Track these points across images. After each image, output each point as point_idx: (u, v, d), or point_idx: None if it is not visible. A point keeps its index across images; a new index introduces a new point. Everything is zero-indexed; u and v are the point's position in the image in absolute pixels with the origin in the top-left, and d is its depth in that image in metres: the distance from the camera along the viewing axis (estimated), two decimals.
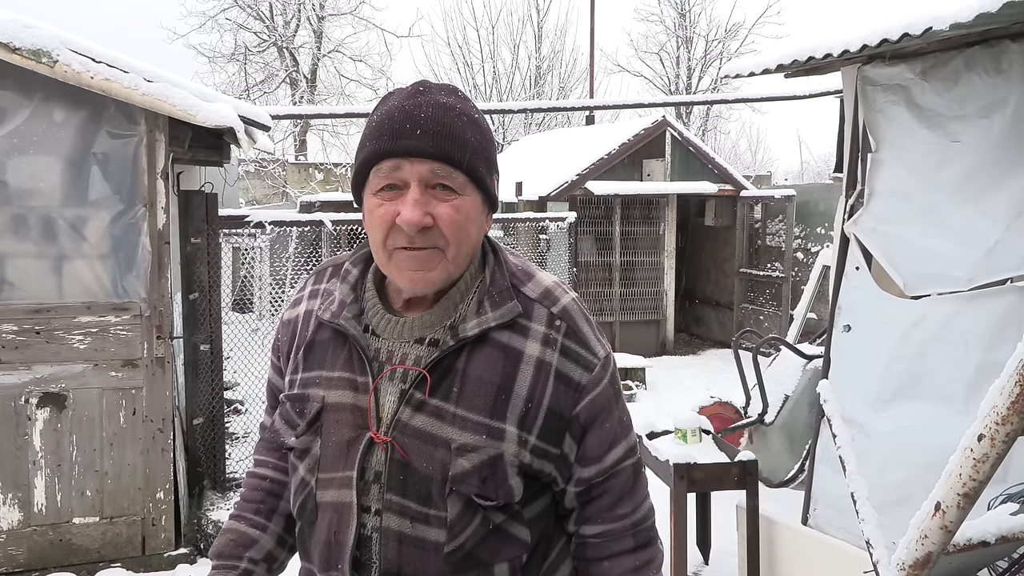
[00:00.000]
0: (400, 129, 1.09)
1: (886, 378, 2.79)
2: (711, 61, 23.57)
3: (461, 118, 1.12)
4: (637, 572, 1.21)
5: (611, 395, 1.20)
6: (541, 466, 1.15)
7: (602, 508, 1.20)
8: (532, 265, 1.27)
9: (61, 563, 3.73)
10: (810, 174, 26.79)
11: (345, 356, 1.18)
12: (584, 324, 1.21)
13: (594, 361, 1.18)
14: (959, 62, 2.75)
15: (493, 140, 1.19)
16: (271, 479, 1.34)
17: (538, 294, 1.20)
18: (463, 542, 1.11)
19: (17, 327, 3.65)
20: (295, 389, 1.22)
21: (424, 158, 1.08)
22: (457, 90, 1.18)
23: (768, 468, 4.41)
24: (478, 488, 1.10)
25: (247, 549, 1.28)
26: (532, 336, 1.16)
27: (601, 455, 1.18)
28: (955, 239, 2.69)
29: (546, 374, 1.14)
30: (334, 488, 1.14)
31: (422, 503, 1.11)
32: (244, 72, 18.49)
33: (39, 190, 3.68)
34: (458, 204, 1.11)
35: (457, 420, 1.11)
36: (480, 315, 1.14)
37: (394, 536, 1.11)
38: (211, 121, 3.71)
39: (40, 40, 3.44)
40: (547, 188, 9.03)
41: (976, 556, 2.17)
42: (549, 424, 1.14)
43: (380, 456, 1.13)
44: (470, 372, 1.13)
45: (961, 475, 1.53)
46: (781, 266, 9.50)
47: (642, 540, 1.22)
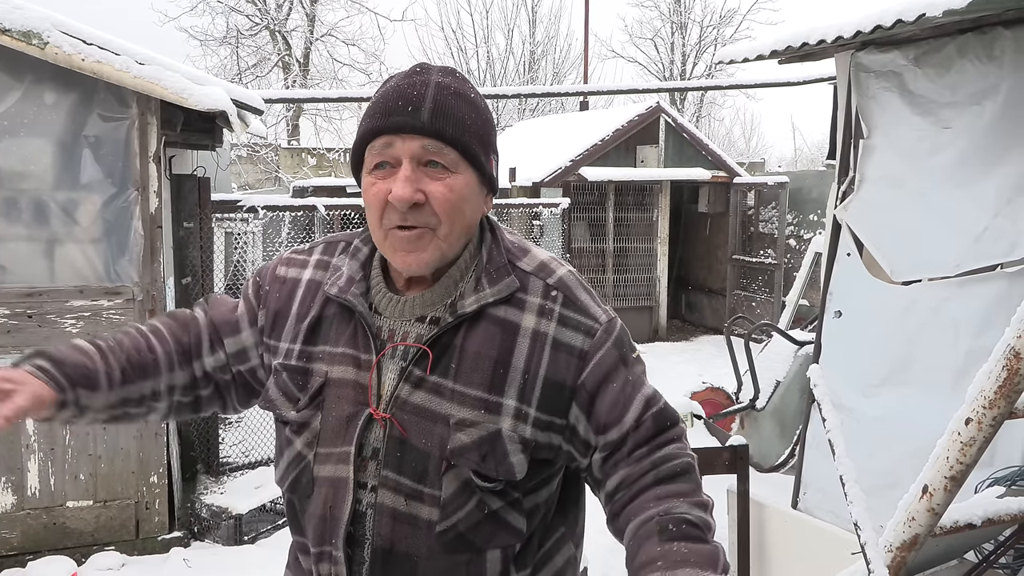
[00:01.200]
0: (392, 106, 1.10)
1: (876, 363, 2.82)
2: (706, 47, 23.52)
3: (456, 97, 1.12)
4: (659, 502, 1.08)
5: (617, 358, 1.15)
6: (548, 439, 1.14)
7: (620, 459, 1.14)
8: (528, 242, 1.27)
9: (55, 546, 3.74)
10: (804, 161, 26.82)
11: (350, 333, 1.18)
12: (582, 292, 1.19)
13: (595, 327, 1.16)
14: (952, 49, 2.75)
15: (491, 121, 1.18)
16: (156, 360, 1.25)
17: (533, 267, 1.20)
18: (455, 523, 1.11)
19: (9, 311, 3.64)
20: (294, 360, 1.20)
21: (415, 134, 1.08)
22: (455, 71, 1.18)
23: (759, 453, 4.45)
24: (477, 464, 1.10)
25: (84, 388, 1.18)
26: (528, 308, 1.15)
27: (619, 417, 1.13)
28: (945, 225, 2.71)
29: (541, 344, 1.13)
30: (331, 463, 1.14)
31: (417, 480, 1.11)
32: (236, 56, 18.34)
33: (30, 173, 3.66)
34: (450, 182, 1.11)
35: (456, 396, 1.11)
36: (478, 292, 1.15)
37: (388, 512, 1.12)
38: (203, 104, 3.68)
39: (30, 21, 3.41)
40: (541, 174, 9.02)
41: (963, 538, 2.19)
42: (548, 395, 1.13)
43: (379, 433, 1.13)
44: (468, 348, 1.13)
45: (948, 458, 1.55)
46: (774, 253, 9.53)
47: (665, 475, 1.11)
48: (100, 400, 1.20)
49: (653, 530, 1.04)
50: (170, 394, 1.28)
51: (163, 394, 1.27)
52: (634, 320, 9.80)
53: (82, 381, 1.18)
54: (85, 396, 1.18)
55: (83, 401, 1.18)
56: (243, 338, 1.29)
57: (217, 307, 1.33)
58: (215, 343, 1.30)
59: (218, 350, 1.29)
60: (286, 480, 1.20)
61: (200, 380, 1.30)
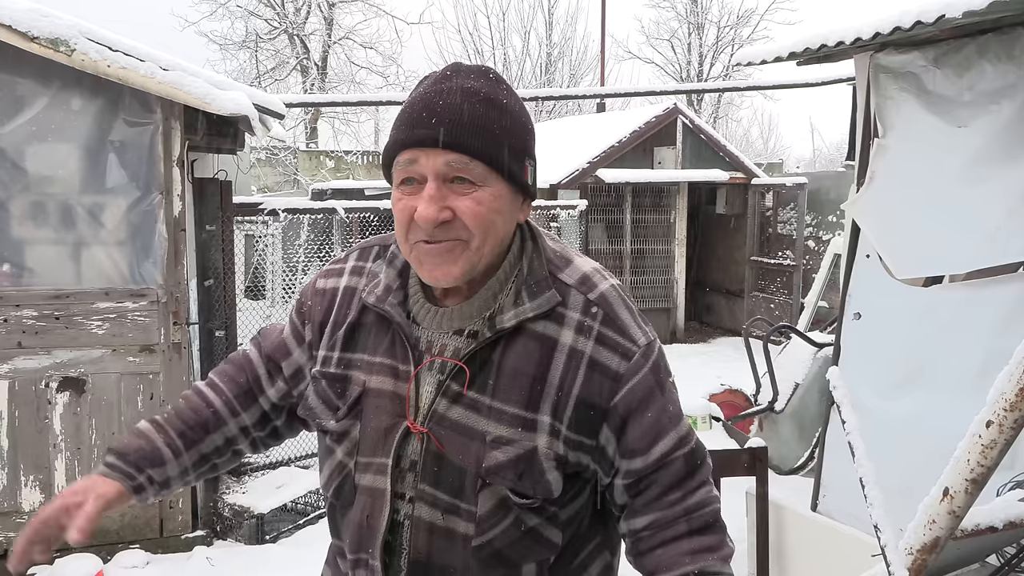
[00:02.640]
0: (416, 118, 1.06)
1: (896, 365, 2.81)
2: (723, 48, 23.43)
3: (485, 104, 1.07)
4: (693, 557, 1.10)
5: (653, 384, 1.12)
6: (577, 458, 1.12)
7: (651, 498, 1.13)
8: (571, 250, 1.23)
9: (82, 544, 3.79)
10: (822, 162, 26.63)
11: (388, 342, 1.16)
12: (623, 311, 1.15)
13: (633, 349, 1.12)
14: (971, 49, 2.74)
15: (526, 124, 1.13)
16: (216, 412, 1.29)
17: (575, 280, 1.16)
18: (491, 539, 1.10)
19: (37, 312, 3.71)
20: (332, 367, 1.19)
21: (439, 148, 1.04)
22: (489, 72, 1.13)
23: (778, 456, 4.43)
24: (513, 483, 1.08)
25: (152, 466, 1.23)
26: (567, 324, 1.12)
27: (647, 447, 1.12)
28: (957, 224, 2.69)
29: (577, 362, 1.10)
30: (371, 473, 1.14)
31: (454, 495, 1.10)
32: (255, 60, 18.52)
33: (58, 177, 3.73)
34: (479, 196, 1.06)
35: (493, 413, 1.10)
36: (518, 306, 1.11)
37: (425, 526, 1.11)
38: (226, 109, 3.74)
39: (58, 29, 3.48)
40: (558, 176, 9.03)
41: (984, 542, 2.19)
42: (580, 414, 1.10)
43: (416, 446, 1.12)
44: (506, 364, 1.11)
45: (969, 461, 1.55)
46: (792, 254, 9.48)
47: (697, 525, 1.13)
48: (173, 469, 1.25)
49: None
50: (245, 434, 1.31)
51: (238, 437, 1.30)
52: (651, 322, 9.72)
53: (147, 463, 1.23)
54: (156, 473, 1.23)
55: (157, 478, 1.23)
56: (295, 359, 1.28)
57: (268, 337, 1.34)
58: (273, 373, 1.30)
59: (277, 379, 1.30)
60: (330, 487, 1.20)
61: (270, 412, 1.32)
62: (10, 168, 3.65)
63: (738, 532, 3.94)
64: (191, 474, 1.28)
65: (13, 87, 3.63)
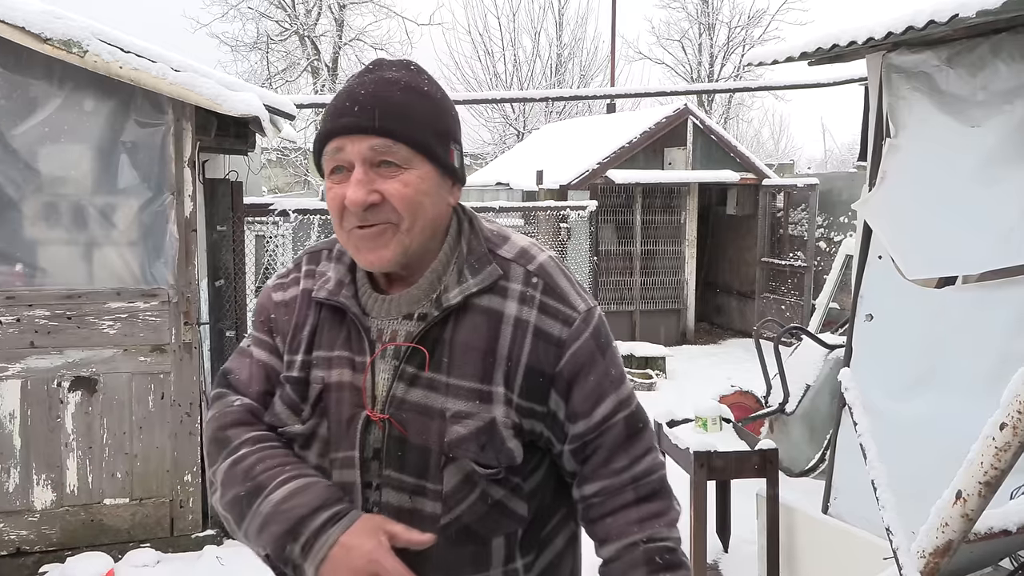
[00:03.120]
0: (341, 108, 1.11)
1: (908, 367, 2.79)
2: (734, 48, 23.34)
3: (406, 91, 1.12)
4: (640, 525, 1.15)
5: (594, 348, 1.17)
6: (531, 426, 1.15)
7: (597, 464, 1.18)
8: (507, 229, 1.27)
9: (93, 542, 3.82)
10: (833, 162, 26.50)
11: (344, 336, 1.19)
12: (562, 279, 1.20)
13: (573, 315, 1.16)
14: (985, 49, 2.72)
15: (448, 110, 1.17)
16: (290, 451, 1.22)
17: (514, 254, 1.20)
18: (459, 515, 1.13)
19: (49, 312, 3.73)
20: (295, 371, 1.21)
21: (363, 134, 1.09)
22: (410, 64, 1.18)
23: (788, 458, 4.41)
24: (476, 455, 1.11)
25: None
26: (511, 296, 1.16)
27: (589, 410, 1.16)
28: (970, 225, 2.67)
29: (523, 331, 1.15)
30: (338, 468, 1.16)
31: (419, 476, 1.13)
32: (266, 61, 18.59)
33: (70, 178, 3.75)
34: (405, 179, 1.10)
35: (451, 389, 1.13)
36: (462, 283, 1.15)
37: (393, 511, 1.13)
38: (237, 110, 3.75)
39: (70, 31, 3.50)
40: (568, 176, 9.02)
41: (997, 545, 2.17)
42: (530, 382, 1.14)
43: (377, 434, 1.14)
44: (457, 340, 1.14)
45: (983, 463, 1.54)
46: (803, 255, 9.44)
47: (644, 492, 1.17)
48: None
49: (640, 560, 1.13)
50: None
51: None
52: (661, 323, 9.77)
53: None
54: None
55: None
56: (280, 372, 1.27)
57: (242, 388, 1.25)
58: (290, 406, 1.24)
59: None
60: None
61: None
62: (23, 169, 3.68)
63: (749, 534, 3.93)
64: None
65: (26, 88, 3.66)
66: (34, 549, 3.77)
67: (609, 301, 9.40)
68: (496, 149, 20.29)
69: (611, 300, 9.44)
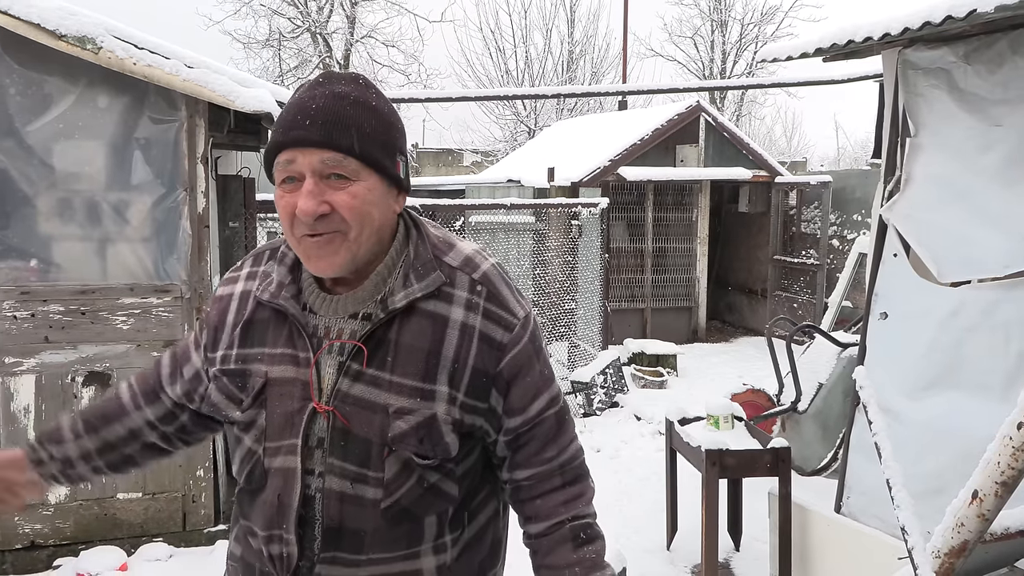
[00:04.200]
0: (292, 121, 1.16)
1: (923, 366, 2.77)
2: (746, 45, 23.22)
3: (355, 106, 1.18)
4: (566, 505, 1.30)
5: (531, 351, 1.28)
6: (472, 421, 1.25)
7: (530, 453, 1.30)
8: (453, 235, 1.35)
9: (106, 536, 3.85)
10: (847, 160, 26.34)
11: (287, 334, 1.26)
12: (504, 287, 1.29)
13: (513, 321, 1.27)
14: (1004, 45, 2.69)
15: (395, 124, 1.24)
16: (121, 404, 1.42)
17: (459, 262, 1.28)
18: (398, 498, 1.22)
19: (64, 308, 3.75)
20: (231, 364, 1.28)
21: (314, 147, 1.15)
22: (359, 78, 1.24)
23: (800, 456, 4.39)
24: (415, 447, 1.20)
25: (51, 443, 1.40)
26: (456, 302, 1.25)
27: (525, 406, 1.28)
28: (994, 225, 2.64)
29: (470, 336, 1.24)
30: (281, 455, 1.23)
31: (360, 465, 1.21)
32: (278, 58, 18.64)
33: (84, 174, 3.77)
34: (353, 190, 1.17)
35: (393, 386, 1.21)
36: (407, 287, 1.23)
37: (335, 496, 1.21)
38: (250, 107, 3.76)
39: (85, 27, 3.51)
40: (579, 173, 9.01)
41: (1014, 546, 2.15)
42: (475, 382, 1.24)
43: (322, 424, 1.22)
44: (402, 341, 1.22)
45: (999, 463, 1.52)
46: (816, 253, 9.39)
47: (569, 477, 1.32)
48: (73, 449, 1.39)
49: (568, 536, 1.29)
50: (151, 428, 1.42)
51: (143, 429, 1.41)
52: (673, 321, 9.74)
53: (47, 439, 1.40)
54: (56, 450, 1.39)
55: (56, 454, 1.39)
56: (194, 362, 1.38)
57: (181, 342, 1.46)
58: (175, 374, 1.41)
59: (178, 380, 1.40)
60: (242, 473, 1.29)
61: (174, 409, 1.41)
62: (38, 165, 3.70)
63: (760, 532, 3.92)
64: (97, 458, 1.41)
65: (41, 85, 3.68)
66: (48, 543, 3.80)
67: (620, 299, 9.38)
68: (507, 146, 20.28)
69: (622, 297, 9.42)
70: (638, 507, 4.61)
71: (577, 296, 7.28)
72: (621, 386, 6.92)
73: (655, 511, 4.42)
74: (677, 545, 4.06)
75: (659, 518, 4.24)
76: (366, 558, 1.22)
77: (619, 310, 9.26)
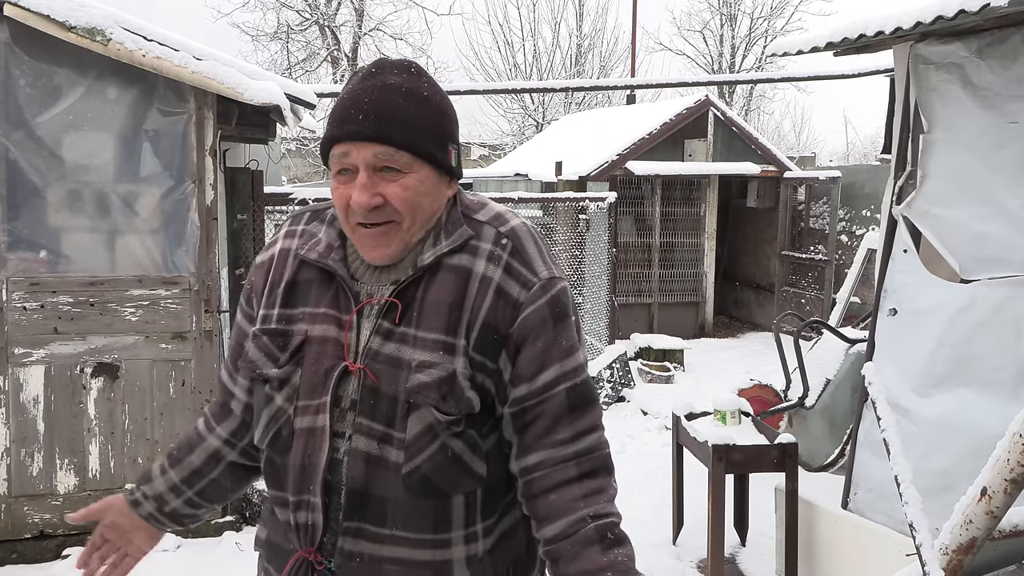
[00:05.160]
0: (346, 115, 1.18)
1: (933, 363, 2.75)
2: (756, 39, 23.11)
3: (407, 98, 1.19)
4: (585, 500, 1.17)
5: (547, 316, 1.21)
6: (482, 380, 1.20)
7: (538, 433, 1.20)
8: (488, 199, 1.34)
9: None
10: (856, 155, 26.19)
11: (332, 295, 1.25)
12: (531, 245, 1.25)
13: (533, 280, 1.22)
14: (1018, 40, 2.67)
15: (446, 113, 1.24)
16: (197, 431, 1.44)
17: (489, 217, 1.27)
18: (419, 464, 1.17)
19: (73, 299, 3.77)
20: (273, 324, 1.27)
21: (366, 141, 1.16)
22: (411, 66, 1.25)
23: (807, 452, 4.38)
24: (436, 402, 1.17)
25: (144, 483, 1.44)
26: (480, 254, 1.23)
27: (532, 374, 1.20)
28: (1010, 222, 2.63)
29: (486, 288, 1.21)
30: (310, 414, 1.22)
31: (387, 424, 1.18)
32: (286, 50, 18.64)
33: (93, 166, 3.78)
34: (405, 182, 1.18)
35: (418, 341, 1.20)
36: (436, 245, 1.23)
37: (361, 456, 1.18)
38: (258, 99, 3.76)
39: (94, 19, 3.52)
40: (587, 168, 8.99)
41: (1023, 543, 2.14)
42: (484, 336, 1.19)
43: (354, 384, 1.21)
44: (428, 297, 1.21)
45: (1009, 460, 1.52)
46: (824, 249, 9.35)
47: (587, 468, 1.19)
48: (161, 484, 1.42)
49: (593, 536, 1.15)
50: (229, 445, 1.42)
51: (222, 449, 1.42)
52: (680, 316, 9.72)
53: (140, 480, 1.45)
54: (147, 488, 1.43)
55: (149, 492, 1.42)
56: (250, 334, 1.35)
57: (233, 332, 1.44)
58: (233, 373, 1.39)
59: (238, 376, 1.38)
60: (267, 437, 1.26)
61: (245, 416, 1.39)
62: (47, 156, 3.71)
63: (766, 528, 3.92)
64: (186, 489, 1.42)
65: (51, 76, 3.69)
66: (57, 532, 3.83)
67: (628, 293, 9.36)
68: (515, 140, 20.25)
69: (630, 292, 9.41)
70: (644, 501, 4.61)
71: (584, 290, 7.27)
72: (628, 381, 6.92)
73: (661, 506, 4.42)
74: (683, 540, 4.06)
75: (665, 513, 4.24)
76: (390, 533, 1.19)
77: (626, 305, 9.24)
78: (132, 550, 1.43)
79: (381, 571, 1.19)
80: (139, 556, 1.44)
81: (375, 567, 1.19)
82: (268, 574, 1.31)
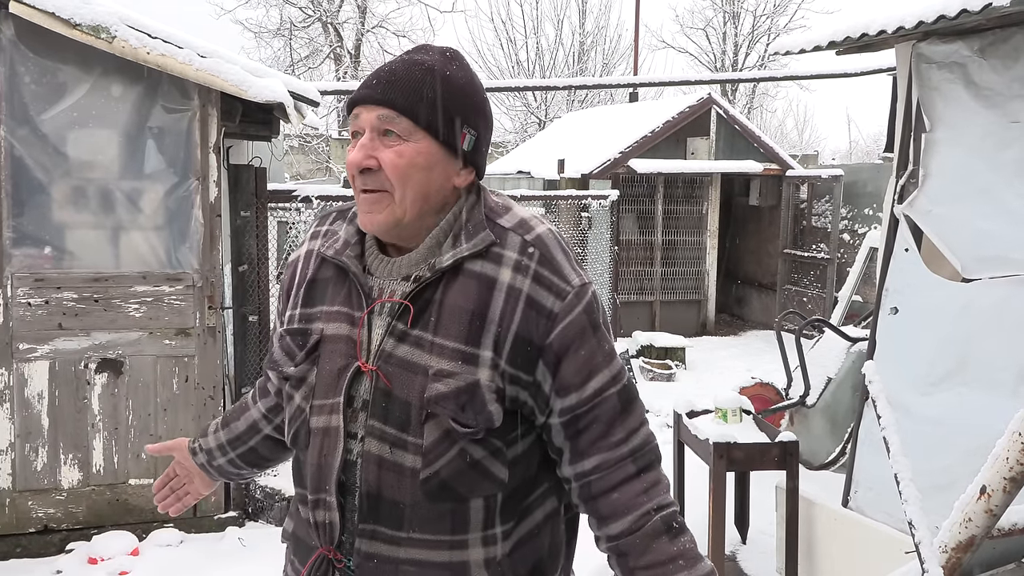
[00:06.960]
0: (366, 82, 1.21)
1: (934, 362, 2.76)
2: (759, 37, 23.08)
3: (426, 72, 1.19)
4: (647, 494, 1.20)
5: (586, 324, 1.19)
6: (516, 393, 1.18)
7: (594, 437, 1.20)
8: (513, 202, 1.30)
9: (118, 522, 3.89)
10: (858, 154, 26.17)
11: (345, 292, 1.25)
12: (559, 253, 1.22)
13: (567, 289, 1.18)
14: (1020, 39, 2.67)
15: (468, 95, 1.22)
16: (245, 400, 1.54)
17: (513, 224, 1.23)
18: (437, 470, 1.16)
19: (77, 295, 3.79)
20: (295, 324, 1.29)
21: (373, 104, 1.17)
22: (447, 51, 1.24)
23: (808, 450, 4.39)
24: (455, 413, 1.14)
25: (201, 436, 1.56)
26: (505, 263, 1.19)
27: (581, 383, 1.18)
28: (1012, 222, 2.63)
29: (515, 300, 1.17)
30: (325, 414, 1.22)
31: (400, 429, 1.17)
32: (289, 47, 18.64)
33: (97, 163, 3.80)
34: (401, 149, 1.17)
35: (435, 348, 1.17)
36: (456, 248, 1.20)
37: (374, 460, 1.18)
38: (262, 96, 3.77)
39: (99, 16, 3.53)
40: (590, 166, 8.99)
41: (1022, 542, 2.15)
42: (518, 349, 1.17)
43: (366, 384, 1.20)
44: (446, 302, 1.18)
45: (1008, 459, 1.53)
46: (827, 247, 9.35)
47: (643, 464, 1.21)
48: (212, 441, 1.54)
49: (660, 528, 1.18)
50: (266, 420, 1.49)
51: (260, 422, 1.50)
52: (682, 314, 9.72)
53: (199, 432, 1.58)
54: (202, 441, 1.55)
55: (203, 445, 1.55)
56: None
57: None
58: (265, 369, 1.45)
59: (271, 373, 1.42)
60: (289, 434, 1.29)
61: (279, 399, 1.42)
62: (52, 153, 3.73)
63: (767, 525, 3.92)
64: (230, 450, 1.52)
65: (55, 73, 3.70)
66: (61, 527, 3.85)
67: (629, 291, 9.37)
68: (517, 137, 20.25)
69: (631, 290, 9.41)
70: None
71: None
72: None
73: None
74: None
75: None
76: (406, 536, 1.18)
77: (628, 302, 9.25)
78: (192, 489, 1.57)
79: (399, 572, 1.19)
80: (197, 496, 1.58)
81: (392, 568, 1.19)
82: (293, 566, 1.32)
